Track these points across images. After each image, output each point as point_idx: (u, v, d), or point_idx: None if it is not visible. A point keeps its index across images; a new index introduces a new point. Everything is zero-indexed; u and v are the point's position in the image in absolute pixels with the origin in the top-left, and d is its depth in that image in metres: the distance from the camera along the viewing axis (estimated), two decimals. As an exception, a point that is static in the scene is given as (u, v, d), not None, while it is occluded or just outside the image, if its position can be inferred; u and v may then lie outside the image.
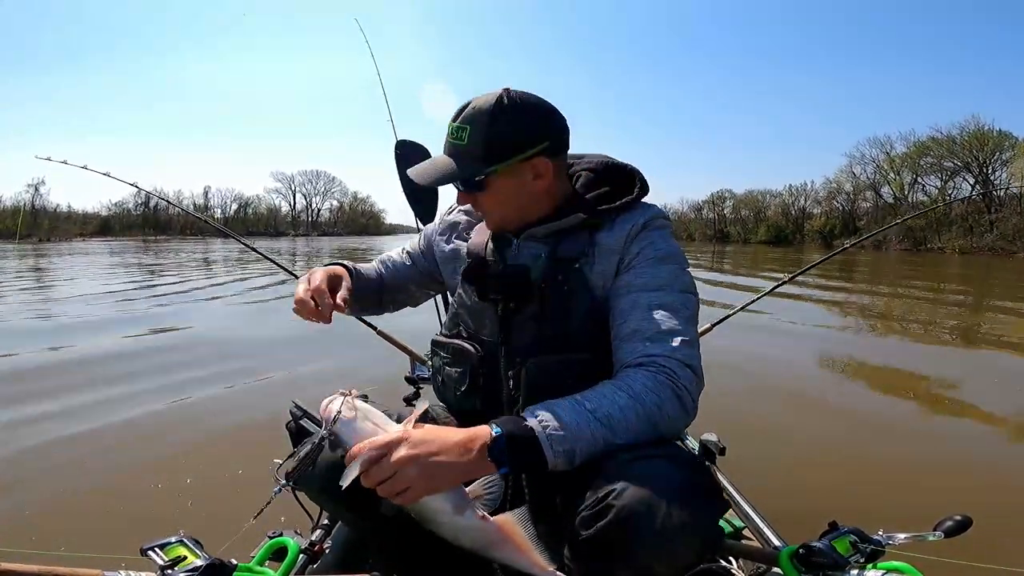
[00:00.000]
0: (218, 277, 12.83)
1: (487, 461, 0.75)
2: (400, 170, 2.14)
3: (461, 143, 0.94)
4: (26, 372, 4.13)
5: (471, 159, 0.94)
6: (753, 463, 2.19)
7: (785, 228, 56.85)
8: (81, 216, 64.24)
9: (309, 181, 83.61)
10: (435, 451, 0.75)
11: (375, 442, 0.76)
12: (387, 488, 0.74)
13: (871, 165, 49.24)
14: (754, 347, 4.81)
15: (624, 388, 0.82)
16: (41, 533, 1.90)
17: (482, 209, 1.02)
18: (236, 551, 0.98)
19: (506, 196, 0.98)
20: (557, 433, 0.76)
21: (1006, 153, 40.06)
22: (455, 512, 0.79)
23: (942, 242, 38.16)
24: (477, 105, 0.93)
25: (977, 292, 11.41)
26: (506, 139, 0.93)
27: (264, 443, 2.55)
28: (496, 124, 0.92)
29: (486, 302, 1.01)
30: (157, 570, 0.86)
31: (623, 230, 0.98)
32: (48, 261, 17.36)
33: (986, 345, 5.58)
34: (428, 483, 0.75)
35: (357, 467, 0.74)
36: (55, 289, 10.05)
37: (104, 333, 5.57)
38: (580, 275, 0.97)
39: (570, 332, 0.96)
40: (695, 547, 0.73)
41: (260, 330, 6.01)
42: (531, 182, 0.97)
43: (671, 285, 0.93)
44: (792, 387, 3.88)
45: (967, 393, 3.75)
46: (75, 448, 2.67)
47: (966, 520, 0.87)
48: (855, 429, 3.03)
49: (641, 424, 0.80)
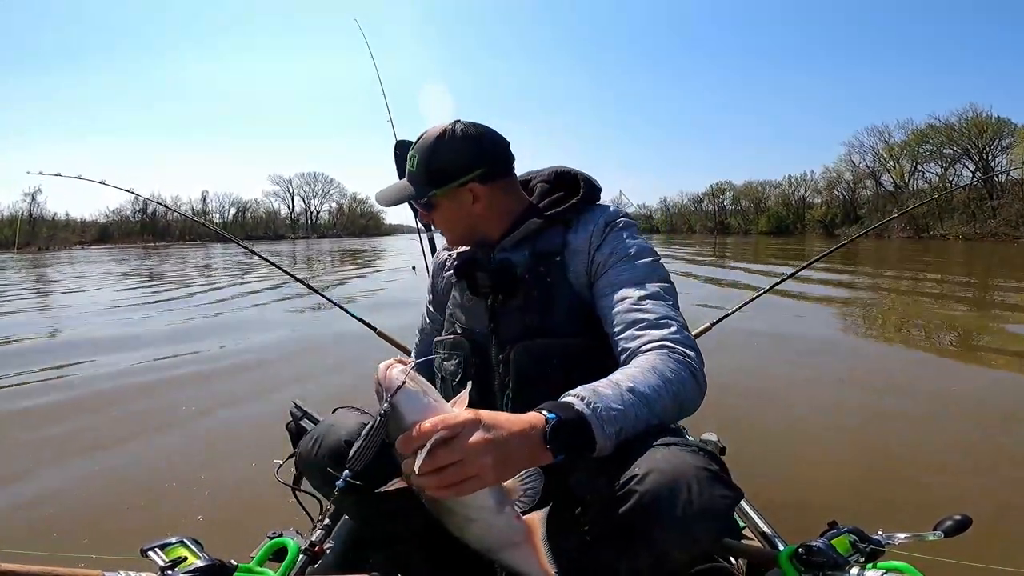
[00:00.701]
0: (246, 283, 12.62)
1: (545, 449, 0.72)
2: (400, 170, 2.14)
3: (412, 169, 1.08)
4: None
5: (418, 183, 1.08)
6: (753, 463, 2.19)
7: (786, 218, 56.85)
8: (79, 224, 64.04)
9: (307, 183, 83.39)
10: (506, 437, 0.69)
11: (447, 420, 0.66)
12: (453, 474, 0.66)
13: (870, 154, 49.23)
14: (754, 347, 4.81)
15: (649, 369, 0.85)
16: (41, 533, 1.91)
17: (438, 226, 1.15)
18: (236, 551, 0.98)
19: (451, 216, 1.10)
20: (607, 414, 0.76)
21: (1006, 139, 40.01)
22: (496, 510, 0.73)
23: (944, 229, 38.12)
24: (426, 136, 1.07)
25: (980, 279, 11.37)
26: (443, 167, 1.06)
27: (264, 443, 2.56)
28: (436, 154, 1.05)
29: (477, 296, 1.08)
30: (157, 570, 0.86)
31: (586, 231, 1.06)
32: (58, 271, 17.11)
33: (987, 347, 5.56)
34: (499, 471, 0.69)
35: (428, 446, 0.64)
36: (80, 297, 10.05)
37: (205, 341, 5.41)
38: (561, 268, 1.05)
39: (553, 320, 1.02)
40: (712, 533, 0.74)
41: (259, 330, 6.02)
42: (470, 205, 1.07)
43: (650, 277, 1.00)
44: (792, 387, 3.87)
45: (968, 393, 3.74)
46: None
47: (966, 520, 0.87)
48: (855, 429, 3.02)
49: (670, 402, 0.83)
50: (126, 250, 37.44)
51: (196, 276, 14.39)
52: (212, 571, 0.88)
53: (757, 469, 2.16)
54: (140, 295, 9.88)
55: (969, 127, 40.63)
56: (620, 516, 0.73)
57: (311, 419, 1.35)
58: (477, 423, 0.68)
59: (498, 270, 1.04)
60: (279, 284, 10.35)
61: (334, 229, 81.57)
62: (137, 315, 7.33)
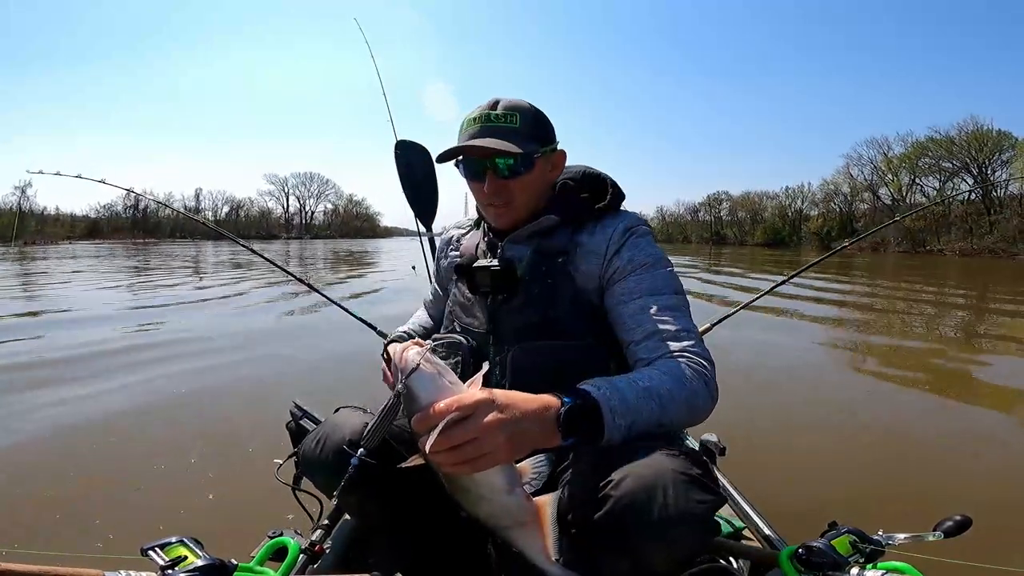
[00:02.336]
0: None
1: (557, 431, 0.74)
2: (400, 170, 2.13)
3: (514, 125, 1.01)
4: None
5: (523, 139, 1.01)
6: (753, 463, 2.19)
7: (782, 230, 56.95)
8: (69, 218, 63.89)
9: (303, 183, 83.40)
10: (520, 417, 0.71)
11: (462, 400, 0.68)
12: (467, 451, 0.68)
13: (868, 167, 49.28)
14: (754, 347, 4.83)
15: (668, 373, 0.87)
16: (41, 532, 1.90)
17: (510, 196, 1.04)
18: (236, 551, 0.98)
19: (536, 181, 1.05)
20: (621, 406, 0.78)
21: (1006, 153, 39.57)
22: (507, 490, 0.75)
23: (941, 244, 37.89)
24: (512, 101, 1.03)
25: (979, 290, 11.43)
26: (547, 129, 1.06)
27: (264, 442, 2.55)
28: (539, 115, 1.05)
29: (477, 295, 1.07)
30: (157, 570, 0.86)
31: (604, 234, 1.05)
32: (46, 265, 17.25)
33: (987, 346, 5.59)
34: (512, 451, 0.71)
35: (441, 425, 0.66)
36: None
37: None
38: (563, 269, 1.04)
39: (553, 321, 1.02)
40: (692, 538, 0.74)
41: (258, 330, 6.00)
42: (548, 173, 1.08)
43: (668, 287, 1.00)
44: (792, 388, 3.88)
45: (968, 393, 3.76)
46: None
47: (966, 520, 0.87)
48: (856, 428, 3.03)
49: (682, 407, 0.85)
50: (120, 246, 37.17)
51: (205, 274, 14.38)
52: (212, 570, 0.87)
53: (757, 469, 2.15)
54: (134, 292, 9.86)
55: (969, 140, 40.34)
56: (598, 520, 0.73)
57: (311, 419, 1.35)
58: (491, 402, 0.69)
59: (499, 268, 1.04)
60: (274, 283, 10.38)
61: (328, 230, 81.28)
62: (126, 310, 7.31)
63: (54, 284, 10.92)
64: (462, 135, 1.03)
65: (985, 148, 39.84)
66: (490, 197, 1.04)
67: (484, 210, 1.11)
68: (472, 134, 1.01)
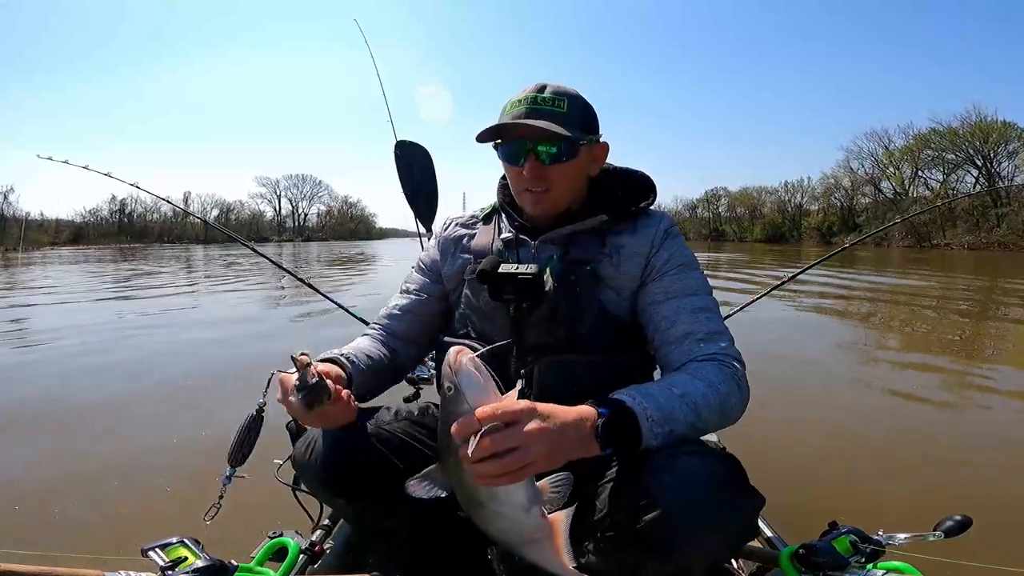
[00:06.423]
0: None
1: (594, 441, 0.73)
2: (400, 170, 2.11)
3: (561, 110, 0.97)
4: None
5: (571, 126, 0.96)
6: (753, 463, 2.17)
7: (782, 226, 56.41)
8: (54, 224, 61.89)
9: (295, 185, 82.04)
10: (560, 427, 0.71)
11: (507, 408, 0.68)
12: (507, 462, 0.67)
13: (869, 160, 48.53)
14: (754, 347, 4.79)
15: (700, 377, 0.86)
16: (41, 532, 1.91)
17: (551, 183, 1.00)
18: (236, 551, 0.98)
19: (577, 170, 1.02)
20: (657, 414, 0.78)
21: (1012, 144, 38.41)
22: (526, 507, 0.73)
23: (948, 238, 36.88)
24: (560, 87, 0.99)
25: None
26: (593, 118, 1.02)
27: (264, 443, 2.55)
28: (586, 104, 1.02)
29: (498, 302, 1.00)
30: (158, 570, 0.86)
31: (646, 235, 1.03)
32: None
33: (988, 347, 5.57)
34: (549, 461, 0.70)
35: (482, 432, 0.66)
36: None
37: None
38: (592, 276, 1.01)
39: (581, 333, 0.99)
40: (733, 542, 0.75)
41: (256, 329, 6.01)
42: (588, 164, 1.04)
43: (702, 289, 1.00)
44: (792, 387, 3.87)
45: (969, 393, 3.74)
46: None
47: (966, 520, 0.87)
48: (856, 429, 3.02)
49: (716, 411, 0.84)
50: (109, 251, 36.85)
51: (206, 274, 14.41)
52: (212, 571, 0.88)
53: (757, 470, 2.14)
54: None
55: (973, 131, 39.34)
56: (642, 525, 0.72)
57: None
58: (534, 412, 0.69)
59: (524, 276, 0.97)
60: (270, 285, 10.39)
61: (321, 232, 79.82)
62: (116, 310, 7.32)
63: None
64: (503, 117, 0.99)
65: (990, 139, 38.86)
66: (529, 182, 0.99)
67: (519, 196, 1.05)
68: (516, 116, 0.97)
